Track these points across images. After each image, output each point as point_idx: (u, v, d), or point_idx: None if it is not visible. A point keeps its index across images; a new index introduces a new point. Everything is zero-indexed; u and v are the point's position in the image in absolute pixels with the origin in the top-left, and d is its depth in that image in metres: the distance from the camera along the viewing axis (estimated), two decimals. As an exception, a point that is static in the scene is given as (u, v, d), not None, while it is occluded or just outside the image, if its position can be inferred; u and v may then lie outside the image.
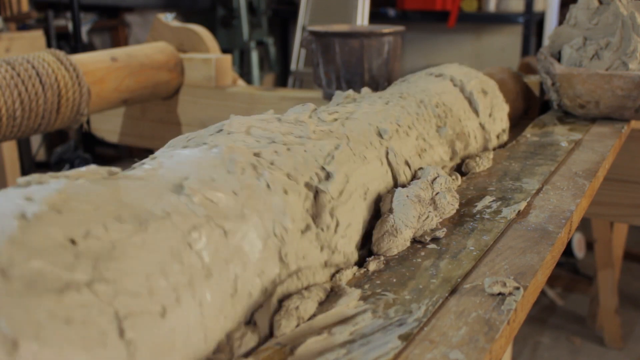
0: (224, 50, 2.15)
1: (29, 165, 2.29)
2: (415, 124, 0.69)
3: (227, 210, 0.42)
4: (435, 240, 0.55)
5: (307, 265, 0.46)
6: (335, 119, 0.61)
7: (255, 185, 0.45)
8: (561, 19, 3.07)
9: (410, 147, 0.66)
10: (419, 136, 0.69)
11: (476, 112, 0.82)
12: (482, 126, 0.82)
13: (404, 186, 0.60)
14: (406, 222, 0.54)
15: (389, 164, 0.61)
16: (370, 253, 0.54)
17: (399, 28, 1.19)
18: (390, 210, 0.56)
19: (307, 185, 0.49)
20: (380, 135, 0.62)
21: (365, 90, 0.77)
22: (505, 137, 0.89)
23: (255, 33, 3.80)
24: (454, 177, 0.70)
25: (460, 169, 0.77)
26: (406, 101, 0.73)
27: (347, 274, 0.49)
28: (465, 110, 0.80)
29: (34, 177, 0.38)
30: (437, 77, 0.85)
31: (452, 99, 0.80)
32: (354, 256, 0.52)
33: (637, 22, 0.97)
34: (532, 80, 1.15)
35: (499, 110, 0.87)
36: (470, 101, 0.82)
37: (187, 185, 0.42)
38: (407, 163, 0.64)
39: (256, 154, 0.48)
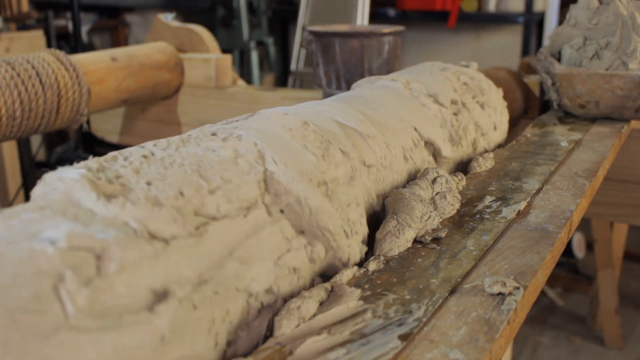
0: (224, 50, 2.15)
1: (29, 165, 2.29)
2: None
3: None
4: (435, 240, 0.55)
5: None
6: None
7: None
8: (561, 19, 3.08)
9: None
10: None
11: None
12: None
13: (405, 186, 0.60)
14: (409, 223, 0.54)
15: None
16: (371, 253, 0.54)
17: (399, 28, 1.19)
18: (394, 211, 0.55)
19: None
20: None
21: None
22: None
23: (255, 33, 3.80)
24: (459, 177, 0.70)
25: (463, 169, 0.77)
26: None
27: (347, 274, 0.49)
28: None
29: None
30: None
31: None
32: None
33: (637, 22, 0.97)
34: (532, 80, 1.15)
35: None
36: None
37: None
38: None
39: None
